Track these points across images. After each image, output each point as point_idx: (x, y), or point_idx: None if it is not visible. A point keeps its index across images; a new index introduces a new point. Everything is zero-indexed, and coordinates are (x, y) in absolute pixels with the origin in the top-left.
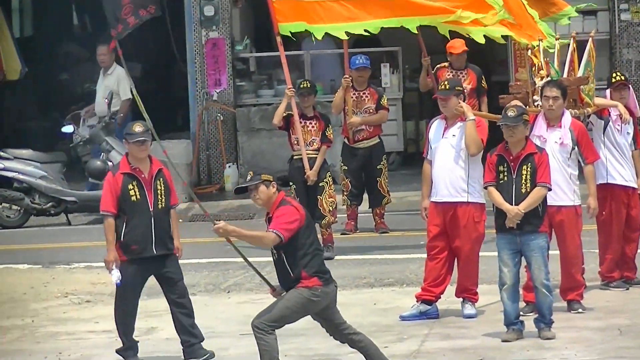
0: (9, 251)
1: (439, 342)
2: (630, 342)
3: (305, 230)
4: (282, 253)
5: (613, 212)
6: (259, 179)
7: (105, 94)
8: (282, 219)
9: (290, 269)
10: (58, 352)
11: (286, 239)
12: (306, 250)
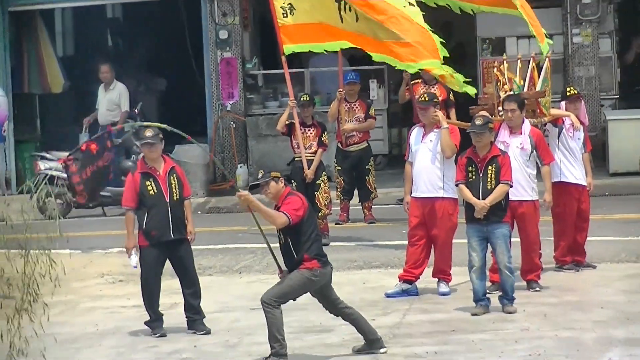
0: (54, 238)
1: (418, 316)
2: (580, 315)
3: (307, 219)
4: (288, 238)
5: (566, 206)
6: (269, 176)
7: (108, 106)
8: (290, 206)
9: (294, 252)
10: (95, 324)
11: (293, 222)
12: (308, 237)
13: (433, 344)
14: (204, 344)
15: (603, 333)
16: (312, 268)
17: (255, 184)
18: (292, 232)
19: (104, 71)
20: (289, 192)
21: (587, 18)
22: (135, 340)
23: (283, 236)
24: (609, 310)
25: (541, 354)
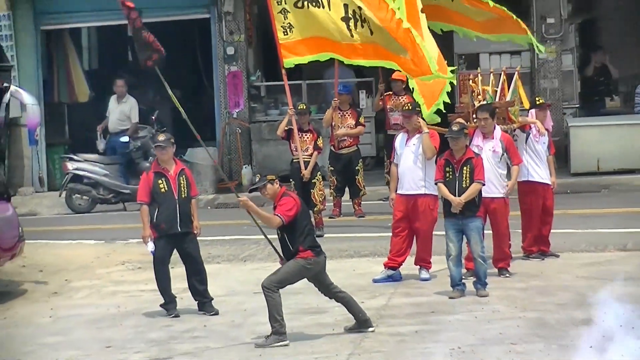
0: (81, 230)
1: (401, 299)
2: (544, 298)
3: (300, 216)
4: (284, 233)
5: (533, 202)
6: (266, 179)
7: (120, 116)
8: (283, 207)
9: (290, 244)
10: (117, 306)
11: (287, 221)
12: (302, 231)
13: (415, 324)
14: (213, 323)
15: (564, 314)
16: (307, 257)
17: (255, 188)
18: (287, 229)
19: (120, 85)
20: (283, 192)
21: (552, 36)
22: (152, 321)
23: (280, 232)
24: (570, 294)
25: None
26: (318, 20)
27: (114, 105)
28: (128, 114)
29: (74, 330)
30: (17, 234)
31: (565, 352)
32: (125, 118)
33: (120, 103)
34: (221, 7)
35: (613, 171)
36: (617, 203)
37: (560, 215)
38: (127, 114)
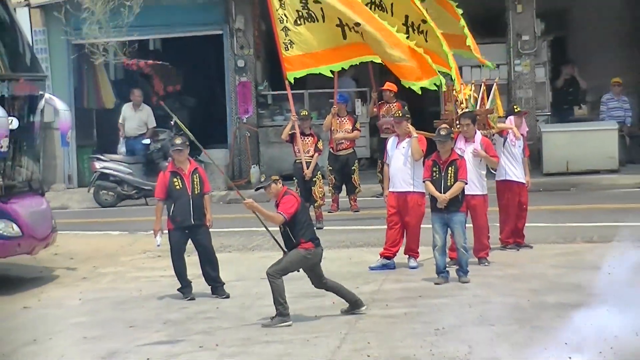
0: (107, 223)
1: (392, 284)
2: (519, 285)
3: (300, 212)
4: (287, 227)
5: (509, 199)
6: (270, 180)
7: (139, 123)
8: (285, 205)
9: (292, 237)
10: (139, 290)
11: (288, 218)
12: (302, 225)
13: (404, 306)
14: (225, 306)
15: (537, 299)
16: (308, 248)
17: (260, 187)
18: (289, 224)
19: (137, 95)
20: (285, 191)
21: (526, 52)
22: (170, 303)
23: (282, 227)
24: (542, 281)
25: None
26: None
27: (130, 113)
28: (145, 120)
29: (101, 312)
30: (51, 225)
31: (538, 332)
32: (143, 124)
33: (137, 111)
34: (233, 25)
35: (581, 172)
36: (584, 200)
37: (534, 210)
38: (145, 120)
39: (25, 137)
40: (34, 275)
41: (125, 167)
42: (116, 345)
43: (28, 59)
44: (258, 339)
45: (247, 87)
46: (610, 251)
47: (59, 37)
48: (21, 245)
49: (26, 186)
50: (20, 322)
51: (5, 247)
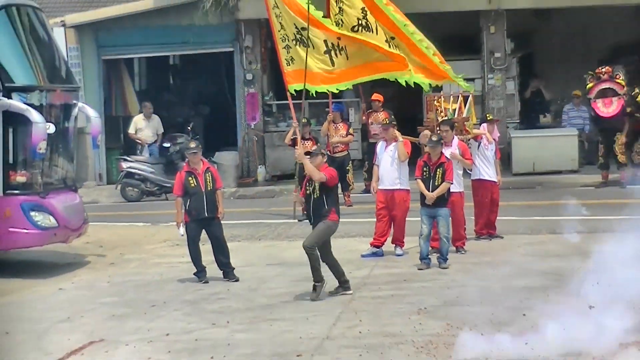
0: (132, 215)
1: (381, 270)
2: (492, 270)
3: (337, 186)
4: (323, 194)
5: (483, 195)
6: (319, 151)
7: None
8: (328, 171)
9: (325, 205)
10: (160, 274)
11: (329, 181)
12: (336, 198)
13: (391, 289)
14: (235, 288)
15: (507, 283)
16: (335, 220)
17: (309, 152)
18: (328, 191)
19: (148, 107)
20: (326, 167)
21: (498, 67)
22: (187, 286)
23: (319, 192)
24: (512, 267)
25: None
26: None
27: (144, 124)
28: (157, 128)
29: (126, 293)
30: (83, 217)
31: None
32: (155, 132)
33: (150, 121)
34: (242, 43)
35: (545, 172)
36: (548, 197)
37: (504, 205)
38: (156, 128)
39: (61, 140)
40: (68, 261)
41: (148, 167)
42: (140, 322)
43: (64, 72)
44: (264, 317)
45: (254, 98)
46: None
47: (91, 53)
48: (57, 235)
49: (62, 183)
50: (55, 301)
51: (43, 236)
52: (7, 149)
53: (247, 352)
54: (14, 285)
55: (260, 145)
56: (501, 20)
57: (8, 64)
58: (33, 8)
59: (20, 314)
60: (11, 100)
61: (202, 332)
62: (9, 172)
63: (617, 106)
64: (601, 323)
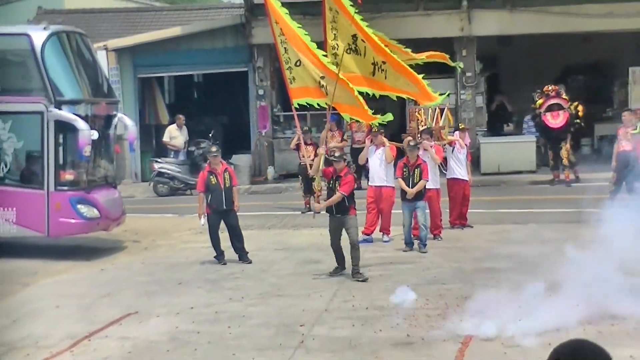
0: (162, 208)
1: (371, 254)
2: (463, 254)
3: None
4: (345, 197)
5: (456, 191)
6: (341, 157)
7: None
8: (347, 186)
9: (347, 203)
10: (186, 257)
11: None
12: (353, 196)
13: (379, 270)
14: (248, 269)
15: (477, 264)
16: (354, 214)
17: (333, 158)
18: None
19: (182, 118)
20: (347, 170)
21: (469, 84)
22: (208, 267)
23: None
24: (480, 252)
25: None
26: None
27: (177, 133)
28: (185, 136)
29: (157, 273)
30: (121, 209)
31: (477, 288)
32: (185, 139)
33: (182, 131)
34: (255, 64)
35: (508, 172)
36: (510, 193)
37: (474, 200)
38: (185, 135)
39: (103, 145)
40: (108, 246)
41: (176, 167)
42: (168, 298)
43: (105, 88)
44: (272, 294)
45: (265, 110)
46: (529, 230)
47: (128, 72)
48: (99, 224)
49: (103, 180)
50: (98, 280)
51: (88, 225)
52: (58, 152)
53: (259, 323)
54: (63, 266)
55: (269, 149)
56: (472, 45)
57: (59, 81)
58: (80, 34)
59: (69, 291)
60: (61, 112)
61: (221, 306)
62: (59, 171)
63: (563, 118)
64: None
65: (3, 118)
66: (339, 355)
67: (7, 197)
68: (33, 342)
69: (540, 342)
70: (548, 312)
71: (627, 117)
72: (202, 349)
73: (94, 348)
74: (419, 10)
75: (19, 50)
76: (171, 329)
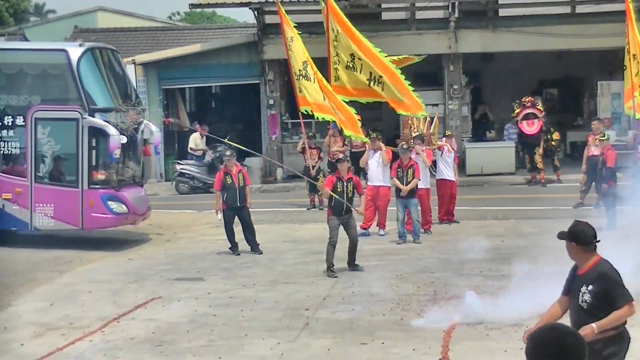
0: (183, 205)
1: (368, 246)
2: (451, 246)
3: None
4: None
5: (444, 190)
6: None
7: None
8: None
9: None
10: (203, 248)
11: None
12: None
13: (375, 260)
14: (259, 259)
15: (462, 256)
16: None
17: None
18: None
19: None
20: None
21: (456, 95)
22: (223, 257)
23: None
24: (465, 244)
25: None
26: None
27: (200, 141)
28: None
29: (179, 262)
30: (147, 206)
31: (463, 277)
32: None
33: (202, 138)
34: (266, 77)
35: (490, 173)
36: (492, 192)
37: (460, 198)
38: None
39: (131, 148)
40: (135, 238)
41: (196, 168)
42: (188, 284)
43: (133, 98)
44: (281, 281)
45: (275, 118)
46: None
47: (154, 84)
48: (127, 219)
49: (131, 180)
50: (125, 268)
51: (117, 219)
52: (91, 154)
53: (268, 306)
54: (95, 256)
55: (279, 152)
56: (458, 61)
57: (92, 91)
58: (111, 50)
59: (100, 277)
60: (94, 119)
61: (235, 292)
62: (92, 171)
63: (537, 126)
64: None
65: (42, 124)
66: (339, 336)
67: (46, 194)
68: (68, 323)
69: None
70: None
71: (595, 126)
72: (218, 330)
73: (122, 329)
74: (411, 30)
75: (58, 65)
76: (190, 312)
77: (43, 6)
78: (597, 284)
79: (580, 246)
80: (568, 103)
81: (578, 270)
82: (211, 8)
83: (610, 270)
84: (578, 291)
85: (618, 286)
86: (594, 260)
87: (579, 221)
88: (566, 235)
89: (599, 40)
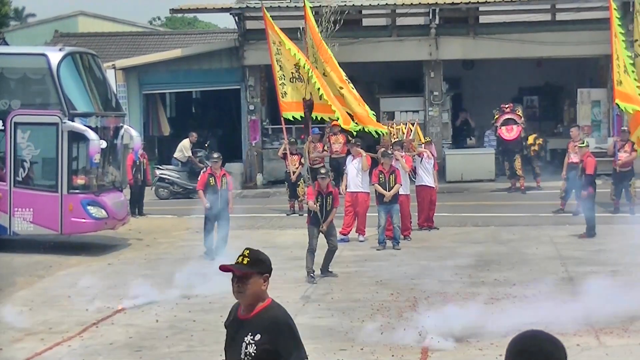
0: (163, 209)
1: (348, 252)
2: (430, 253)
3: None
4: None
5: (424, 197)
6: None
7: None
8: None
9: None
10: (183, 253)
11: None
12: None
13: (355, 266)
14: None
15: (443, 262)
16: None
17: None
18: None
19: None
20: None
21: (436, 102)
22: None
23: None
24: (445, 251)
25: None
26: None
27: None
28: None
29: (159, 267)
30: (126, 210)
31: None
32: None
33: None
34: (247, 83)
35: (470, 180)
36: (472, 198)
37: (440, 205)
38: None
39: (111, 153)
40: (115, 243)
41: (175, 173)
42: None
43: (114, 103)
44: None
45: (255, 123)
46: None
47: (134, 89)
48: (107, 223)
49: (111, 185)
50: (105, 273)
51: (97, 224)
52: (70, 159)
53: None
54: (75, 261)
55: (259, 158)
56: (439, 68)
57: (72, 96)
58: (92, 55)
59: (79, 282)
60: (74, 123)
61: (214, 297)
62: (72, 176)
63: (516, 132)
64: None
65: (22, 128)
66: (320, 342)
67: (26, 198)
68: (47, 328)
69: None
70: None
71: (574, 133)
72: (197, 335)
73: (101, 334)
74: (392, 37)
75: (38, 69)
76: (170, 318)
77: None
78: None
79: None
80: (548, 110)
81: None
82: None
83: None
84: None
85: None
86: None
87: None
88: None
89: (579, 48)
